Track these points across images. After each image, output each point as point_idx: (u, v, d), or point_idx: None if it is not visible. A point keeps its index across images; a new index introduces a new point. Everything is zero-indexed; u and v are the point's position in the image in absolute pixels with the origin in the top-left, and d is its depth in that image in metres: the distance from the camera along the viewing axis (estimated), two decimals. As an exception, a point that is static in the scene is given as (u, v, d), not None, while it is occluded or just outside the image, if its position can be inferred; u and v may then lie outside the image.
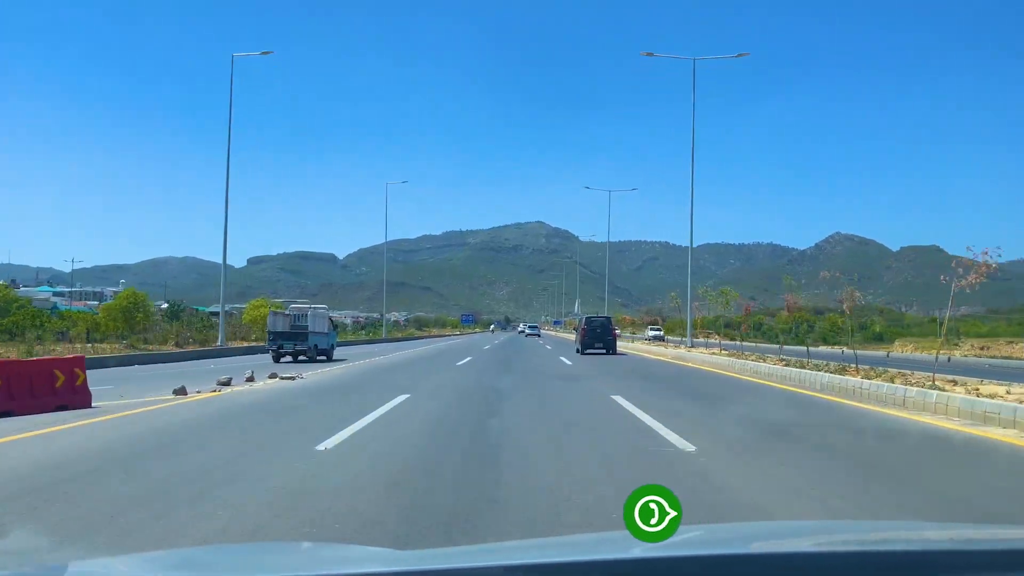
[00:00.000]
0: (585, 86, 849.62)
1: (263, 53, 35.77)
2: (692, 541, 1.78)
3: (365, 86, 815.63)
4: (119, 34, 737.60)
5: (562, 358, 27.91)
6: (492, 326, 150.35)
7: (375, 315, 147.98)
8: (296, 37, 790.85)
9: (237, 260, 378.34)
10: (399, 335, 76.58)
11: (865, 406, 11.63)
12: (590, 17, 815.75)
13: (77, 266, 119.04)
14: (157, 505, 4.98)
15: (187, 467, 6.38)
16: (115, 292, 62.49)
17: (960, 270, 12.52)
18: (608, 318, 35.85)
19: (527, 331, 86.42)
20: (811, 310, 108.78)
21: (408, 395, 12.39)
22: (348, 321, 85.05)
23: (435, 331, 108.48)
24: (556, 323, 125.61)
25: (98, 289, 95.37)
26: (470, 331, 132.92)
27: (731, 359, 22.41)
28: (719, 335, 48.04)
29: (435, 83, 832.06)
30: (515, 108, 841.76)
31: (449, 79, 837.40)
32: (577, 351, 32.12)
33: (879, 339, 46.54)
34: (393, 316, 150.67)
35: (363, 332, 73.46)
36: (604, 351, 31.41)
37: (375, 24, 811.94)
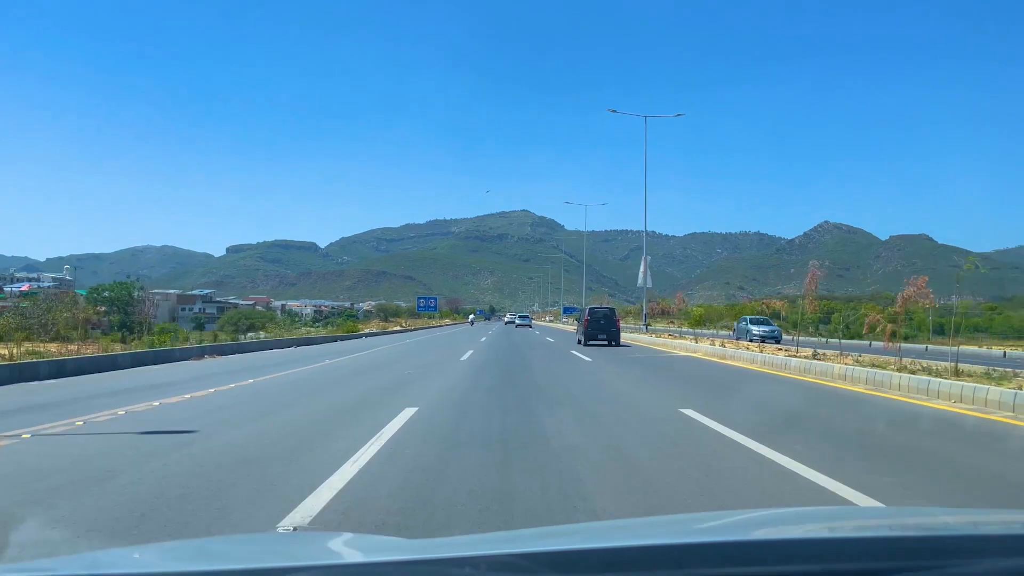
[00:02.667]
0: (574, 76, 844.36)
1: None
2: (706, 529, 1.85)
3: (350, 73, 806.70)
4: (95, 13, 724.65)
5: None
6: (471, 317, 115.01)
7: (346, 304, 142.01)
8: (284, 24, 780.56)
9: (216, 248, 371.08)
10: (291, 334, 41.00)
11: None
12: (579, 5, 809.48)
13: (52, 255, 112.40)
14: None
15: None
16: (37, 285, 55.30)
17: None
18: (612, 309, 34.94)
19: (517, 322, 79.75)
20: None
21: None
22: (309, 311, 78.39)
23: (407, 323, 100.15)
24: (568, 311, 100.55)
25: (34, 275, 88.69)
26: (436, 323, 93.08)
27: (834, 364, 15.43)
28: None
29: (421, 70, 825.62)
30: (502, 97, 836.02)
31: (435, 66, 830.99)
32: (579, 342, 31.44)
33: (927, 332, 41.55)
34: (365, 305, 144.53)
35: (316, 326, 61.70)
36: (607, 343, 30.69)
37: (361, 10, 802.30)
